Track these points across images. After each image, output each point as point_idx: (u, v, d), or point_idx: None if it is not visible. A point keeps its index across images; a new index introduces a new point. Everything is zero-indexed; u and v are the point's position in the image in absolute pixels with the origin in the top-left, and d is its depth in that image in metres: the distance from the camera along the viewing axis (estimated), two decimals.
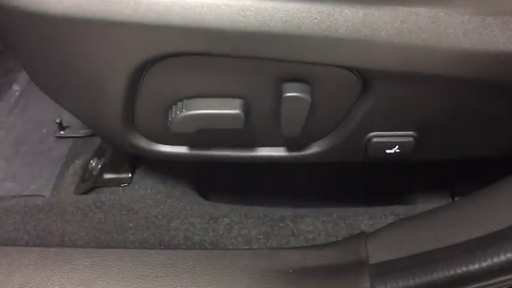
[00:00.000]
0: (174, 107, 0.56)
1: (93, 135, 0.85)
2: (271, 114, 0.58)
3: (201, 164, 0.79)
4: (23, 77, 0.99)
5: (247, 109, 0.56)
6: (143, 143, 0.63)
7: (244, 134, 0.61)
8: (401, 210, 0.68)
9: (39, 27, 0.51)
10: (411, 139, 0.60)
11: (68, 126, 0.87)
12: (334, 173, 0.83)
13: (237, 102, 0.56)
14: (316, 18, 0.47)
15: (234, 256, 0.55)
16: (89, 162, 0.79)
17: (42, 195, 0.75)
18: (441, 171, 0.82)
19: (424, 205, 0.71)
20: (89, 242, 0.64)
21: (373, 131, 0.60)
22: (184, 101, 0.56)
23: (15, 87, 0.98)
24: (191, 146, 0.64)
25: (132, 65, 0.52)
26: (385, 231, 0.56)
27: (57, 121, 0.85)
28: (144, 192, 0.72)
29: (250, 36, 0.48)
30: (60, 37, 0.51)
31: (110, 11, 0.48)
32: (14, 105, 0.94)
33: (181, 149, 0.64)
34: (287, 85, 0.53)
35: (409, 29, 0.48)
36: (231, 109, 0.55)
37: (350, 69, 0.52)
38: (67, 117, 0.86)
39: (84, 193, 0.74)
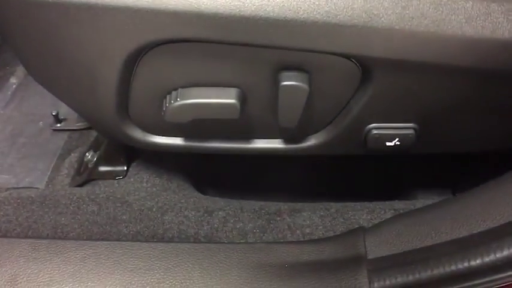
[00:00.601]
0: (168, 96, 0.55)
1: (89, 128, 0.84)
2: (268, 104, 0.57)
3: (197, 157, 0.78)
4: (20, 70, 0.99)
5: (243, 99, 0.55)
6: (138, 133, 0.62)
7: (240, 124, 0.59)
8: (401, 205, 0.67)
9: (32, 13, 0.50)
10: (412, 131, 0.59)
11: (64, 119, 0.87)
12: (333, 166, 0.82)
13: (233, 91, 0.54)
14: (314, 3, 0.46)
15: (229, 250, 0.53)
16: (84, 155, 0.78)
17: (37, 188, 0.75)
18: (442, 167, 0.81)
19: (424, 201, 0.70)
20: (82, 234, 0.63)
21: (372, 123, 0.59)
22: (179, 90, 0.55)
23: (13, 80, 0.98)
24: (186, 137, 0.63)
25: (125, 52, 0.51)
26: (384, 226, 0.54)
27: (54, 114, 0.85)
28: (139, 185, 0.71)
29: (246, 21, 0.47)
30: (53, 23, 0.50)
31: None
32: (10, 98, 0.94)
33: (176, 141, 0.63)
34: (284, 74, 0.52)
35: (410, 15, 0.47)
36: (226, 98, 0.54)
37: (349, 57, 0.51)
38: (63, 110, 0.86)
39: (79, 186, 0.74)
